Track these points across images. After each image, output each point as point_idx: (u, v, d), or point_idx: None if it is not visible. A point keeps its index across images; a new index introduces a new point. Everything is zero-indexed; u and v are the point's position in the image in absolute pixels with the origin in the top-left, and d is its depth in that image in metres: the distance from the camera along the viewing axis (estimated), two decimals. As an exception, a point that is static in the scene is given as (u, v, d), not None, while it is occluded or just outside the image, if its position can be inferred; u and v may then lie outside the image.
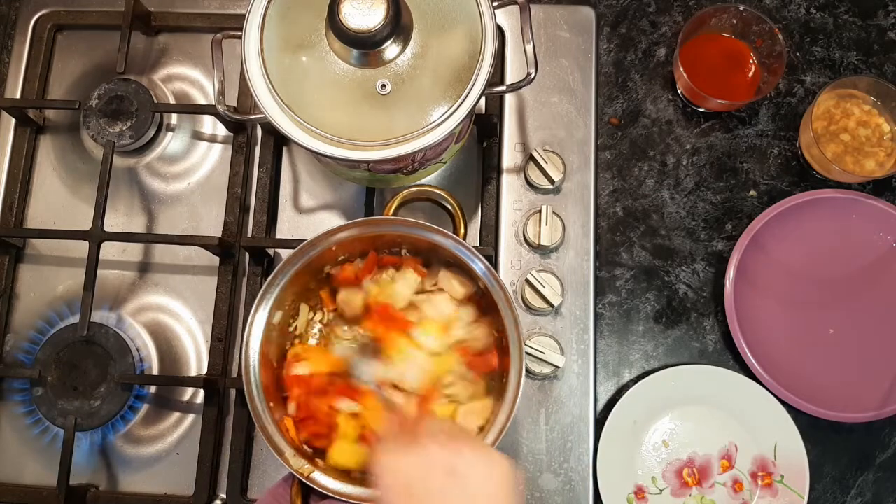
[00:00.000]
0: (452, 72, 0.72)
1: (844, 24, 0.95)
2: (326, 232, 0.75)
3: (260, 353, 0.74)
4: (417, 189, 0.80)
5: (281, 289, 0.75)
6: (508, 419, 0.70)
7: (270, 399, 0.74)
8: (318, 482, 0.70)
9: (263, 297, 0.74)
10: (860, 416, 0.84)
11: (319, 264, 0.77)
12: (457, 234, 0.78)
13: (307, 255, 0.75)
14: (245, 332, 0.73)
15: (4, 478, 0.87)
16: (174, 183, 0.94)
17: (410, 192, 0.80)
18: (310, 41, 0.73)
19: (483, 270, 0.73)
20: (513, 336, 0.72)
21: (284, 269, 0.74)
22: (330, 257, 0.77)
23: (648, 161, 0.93)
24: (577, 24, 0.94)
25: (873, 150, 0.88)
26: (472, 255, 0.74)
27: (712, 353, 0.88)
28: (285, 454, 0.71)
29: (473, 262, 0.74)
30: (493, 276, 0.73)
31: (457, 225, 0.79)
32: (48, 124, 0.96)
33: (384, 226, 0.76)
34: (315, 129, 0.71)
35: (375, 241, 0.77)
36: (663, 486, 0.84)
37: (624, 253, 0.90)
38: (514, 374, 0.72)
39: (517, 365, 0.72)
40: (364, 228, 0.75)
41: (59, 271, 0.92)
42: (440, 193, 0.80)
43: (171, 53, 0.97)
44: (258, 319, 0.74)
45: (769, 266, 0.89)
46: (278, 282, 0.74)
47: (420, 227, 0.74)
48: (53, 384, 0.85)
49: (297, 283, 0.76)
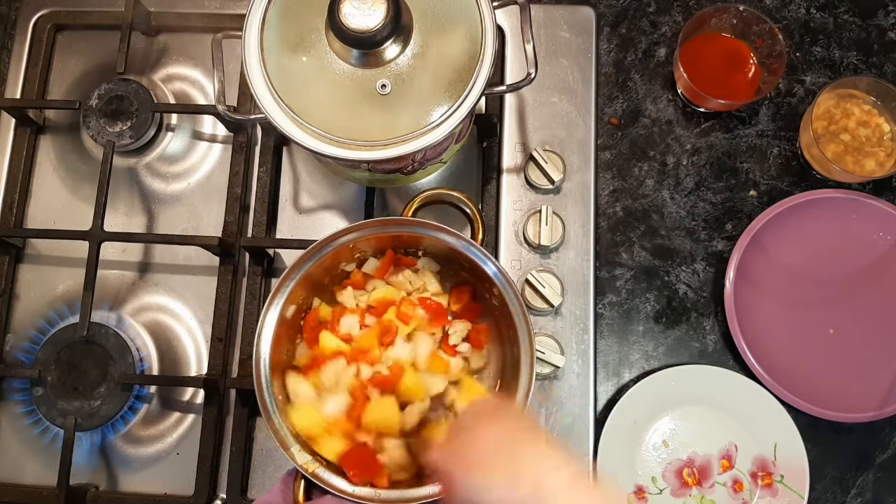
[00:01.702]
0: (452, 72, 0.72)
1: (844, 24, 0.95)
2: (339, 231, 0.75)
3: (272, 346, 0.74)
4: (436, 192, 0.81)
5: (295, 283, 0.75)
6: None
7: (279, 393, 0.74)
8: (322, 479, 0.70)
9: (278, 292, 0.74)
10: (860, 416, 0.84)
11: (334, 262, 0.77)
12: (474, 238, 0.78)
13: (321, 253, 0.75)
14: (258, 324, 0.73)
15: (4, 478, 0.87)
16: (174, 183, 0.94)
17: (429, 195, 0.80)
18: (310, 41, 0.73)
19: (495, 272, 0.74)
20: (524, 343, 0.73)
21: (299, 266, 0.75)
22: (345, 255, 0.77)
23: (648, 161, 0.93)
24: (577, 24, 0.94)
25: (873, 150, 0.88)
26: (484, 257, 0.74)
27: (712, 353, 0.88)
28: (291, 449, 0.71)
29: (486, 264, 0.74)
30: (505, 278, 0.73)
31: (475, 229, 0.80)
32: (48, 124, 0.96)
33: (399, 226, 0.76)
34: (315, 129, 0.71)
35: (391, 241, 0.78)
36: (663, 486, 0.84)
37: (624, 253, 0.91)
38: (523, 381, 0.72)
39: (527, 373, 0.72)
40: (379, 228, 0.75)
41: (59, 271, 0.92)
42: (460, 197, 0.81)
43: (171, 53, 0.97)
44: (271, 313, 0.74)
45: (769, 266, 0.89)
46: (293, 276, 0.74)
47: (435, 229, 0.75)
48: (53, 384, 0.85)
49: (311, 279, 0.76)
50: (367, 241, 0.76)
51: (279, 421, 0.72)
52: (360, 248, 0.77)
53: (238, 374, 0.86)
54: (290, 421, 0.73)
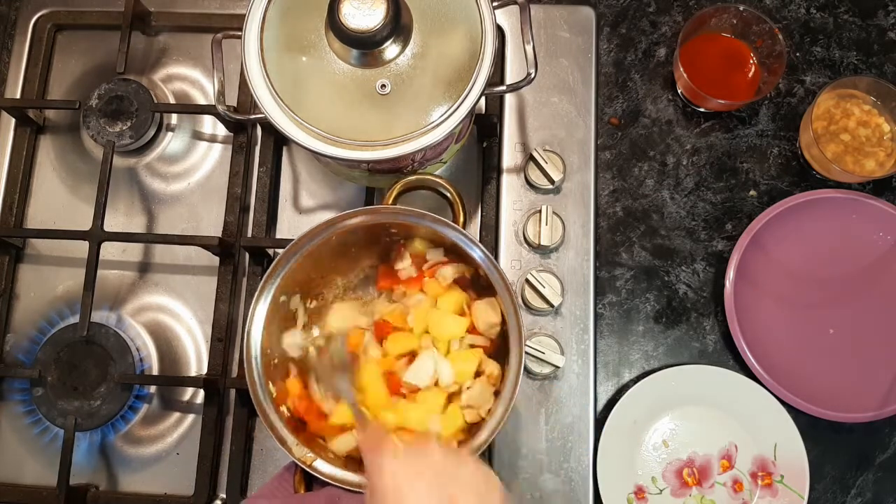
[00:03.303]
0: (452, 72, 0.72)
1: (844, 24, 0.95)
2: (327, 221, 0.74)
3: (262, 342, 0.74)
4: (416, 178, 0.80)
5: (282, 278, 0.75)
6: (507, 412, 0.70)
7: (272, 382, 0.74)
8: (320, 470, 0.71)
9: (264, 288, 0.74)
10: (860, 416, 0.84)
11: (321, 254, 0.77)
12: (455, 223, 0.78)
13: (310, 244, 0.75)
14: (246, 323, 0.74)
15: (4, 478, 0.87)
16: (174, 183, 0.94)
17: (409, 181, 0.80)
18: (310, 41, 0.73)
19: (481, 257, 0.74)
20: (512, 323, 0.72)
21: (287, 258, 0.74)
22: (332, 245, 0.77)
23: (648, 161, 0.93)
24: (577, 24, 0.94)
25: (873, 150, 0.88)
26: (469, 242, 0.74)
27: (712, 353, 0.88)
28: (287, 442, 0.72)
29: (472, 248, 0.74)
30: (491, 262, 0.73)
31: (455, 213, 0.79)
32: (48, 124, 0.96)
33: (383, 214, 0.76)
34: (315, 129, 0.71)
35: (375, 230, 0.77)
36: (663, 486, 0.84)
37: (624, 253, 0.91)
38: (513, 364, 0.72)
39: (517, 355, 0.72)
40: (364, 217, 0.75)
41: (59, 271, 0.92)
42: (439, 182, 0.80)
43: (171, 53, 0.97)
44: (259, 310, 0.74)
45: (769, 266, 0.89)
46: (279, 272, 0.75)
47: (418, 216, 0.75)
48: (53, 384, 0.85)
49: (299, 272, 0.76)
50: (352, 230, 0.76)
51: (274, 416, 0.72)
52: (346, 238, 0.77)
53: (238, 374, 0.86)
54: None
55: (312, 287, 0.80)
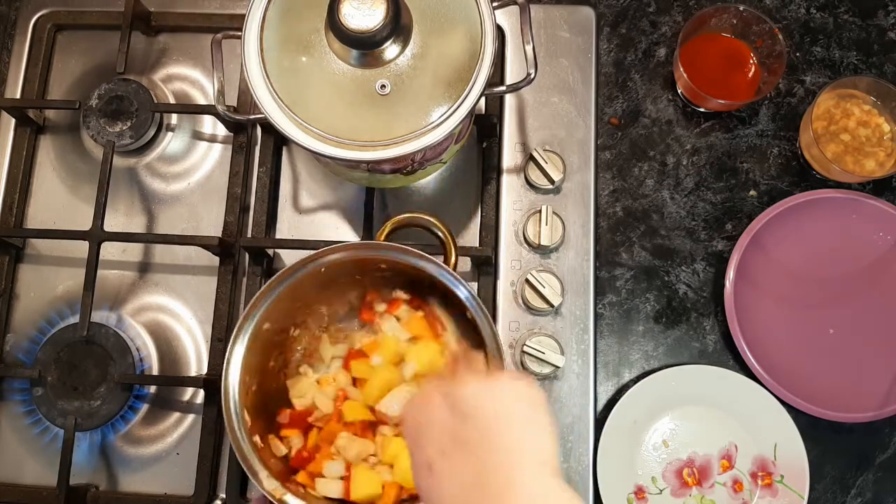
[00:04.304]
0: (452, 72, 0.72)
1: (844, 24, 0.95)
2: (314, 254, 0.73)
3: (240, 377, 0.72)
4: (408, 217, 0.79)
5: (264, 310, 0.73)
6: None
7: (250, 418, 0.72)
8: None
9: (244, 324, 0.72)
10: (860, 416, 0.84)
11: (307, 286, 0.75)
12: (446, 262, 0.76)
13: (294, 276, 0.73)
14: (224, 358, 0.72)
15: (4, 478, 0.87)
16: (174, 183, 0.94)
17: (399, 220, 0.79)
18: (310, 41, 0.73)
19: (467, 296, 0.72)
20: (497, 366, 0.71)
21: (270, 290, 0.73)
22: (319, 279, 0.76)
23: (648, 161, 0.93)
24: (577, 24, 0.94)
25: (873, 150, 0.88)
26: (455, 280, 0.72)
27: (712, 353, 0.88)
28: (259, 475, 0.70)
29: (457, 287, 0.72)
30: (477, 303, 0.72)
31: (447, 253, 0.78)
32: (48, 124, 0.96)
33: (372, 250, 0.74)
34: (315, 129, 0.71)
35: (363, 265, 0.76)
36: (663, 486, 0.84)
37: (624, 253, 0.91)
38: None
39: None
40: (352, 252, 0.74)
41: (59, 271, 0.92)
42: (431, 221, 0.78)
43: (171, 53, 0.97)
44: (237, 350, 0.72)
45: (769, 266, 0.89)
46: (261, 304, 0.73)
47: (408, 254, 0.73)
48: (53, 384, 0.85)
49: (282, 304, 0.74)
50: (338, 265, 0.74)
51: (248, 447, 0.71)
52: (331, 273, 0.75)
53: (238, 374, 0.86)
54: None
55: (296, 316, 0.79)
